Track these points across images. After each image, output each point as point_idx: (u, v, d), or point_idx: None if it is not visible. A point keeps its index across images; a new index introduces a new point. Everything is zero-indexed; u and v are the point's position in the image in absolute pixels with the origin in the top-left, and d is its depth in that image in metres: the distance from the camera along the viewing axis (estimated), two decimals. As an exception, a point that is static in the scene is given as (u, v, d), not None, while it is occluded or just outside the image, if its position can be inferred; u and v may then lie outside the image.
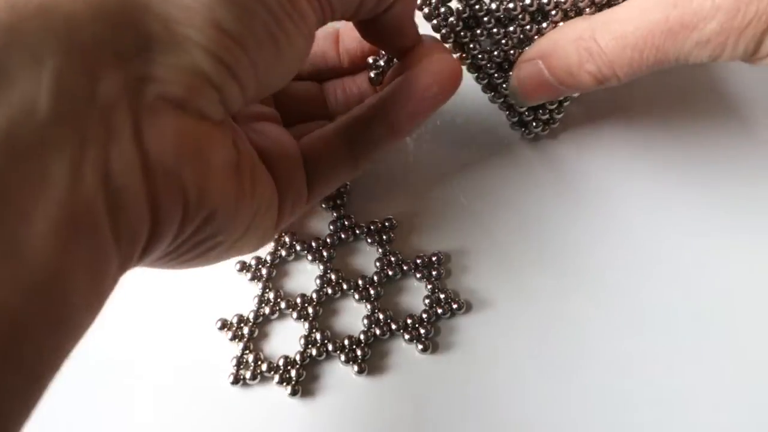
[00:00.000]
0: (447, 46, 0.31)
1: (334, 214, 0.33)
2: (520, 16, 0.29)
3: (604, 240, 0.33)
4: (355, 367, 0.30)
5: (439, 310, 0.31)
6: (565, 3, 0.28)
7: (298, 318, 0.31)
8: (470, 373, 0.30)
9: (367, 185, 0.35)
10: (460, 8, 0.30)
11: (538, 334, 0.31)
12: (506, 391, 0.30)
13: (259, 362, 0.30)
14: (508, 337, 0.31)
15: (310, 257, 0.33)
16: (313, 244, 0.33)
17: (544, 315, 0.31)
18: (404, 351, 0.31)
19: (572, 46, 0.27)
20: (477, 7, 0.29)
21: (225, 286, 0.32)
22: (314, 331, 0.31)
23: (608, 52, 0.26)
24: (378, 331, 0.31)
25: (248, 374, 0.30)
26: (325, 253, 0.32)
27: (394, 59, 0.31)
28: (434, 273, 0.32)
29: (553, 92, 0.29)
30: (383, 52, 0.32)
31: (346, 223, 0.33)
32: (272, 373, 0.30)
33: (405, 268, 0.32)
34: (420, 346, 0.30)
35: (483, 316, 0.32)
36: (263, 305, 0.31)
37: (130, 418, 0.30)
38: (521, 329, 0.31)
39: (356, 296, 0.32)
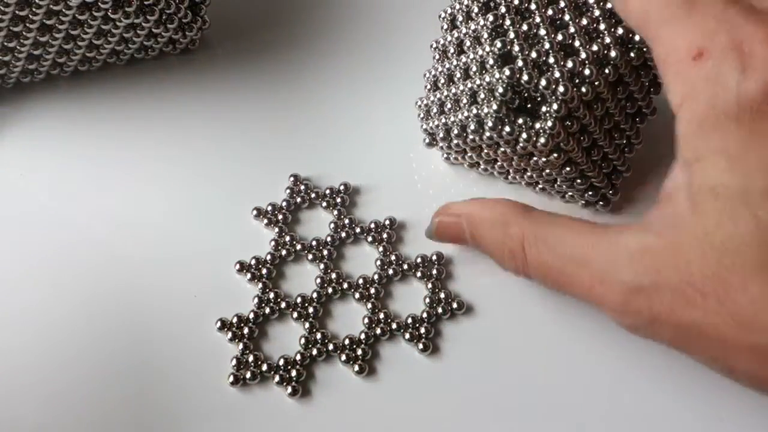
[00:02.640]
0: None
1: (335, 213, 0.33)
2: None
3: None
4: (356, 367, 0.30)
5: (440, 310, 0.31)
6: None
7: (298, 318, 0.31)
8: (470, 374, 0.30)
9: (369, 185, 0.35)
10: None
11: (539, 336, 0.31)
12: (506, 392, 0.30)
13: (259, 362, 0.30)
14: (508, 339, 0.31)
15: (310, 257, 0.33)
16: (314, 243, 0.33)
17: (544, 316, 0.31)
18: (404, 351, 0.31)
19: (500, 237, 0.27)
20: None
21: (225, 286, 0.32)
22: (314, 330, 0.31)
23: (530, 266, 0.26)
24: (378, 331, 0.31)
25: (248, 374, 0.30)
26: (325, 253, 0.33)
27: None
28: (435, 272, 0.32)
29: (465, 244, 0.30)
30: None
31: (346, 222, 0.33)
32: (272, 373, 0.30)
33: (405, 267, 0.32)
34: (420, 346, 0.30)
35: (483, 317, 0.32)
36: (263, 305, 0.31)
37: (131, 417, 0.30)
38: (521, 330, 0.31)
39: (356, 296, 0.32)
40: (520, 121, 0.27)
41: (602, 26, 0.27)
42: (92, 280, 0.32)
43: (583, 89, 0.27)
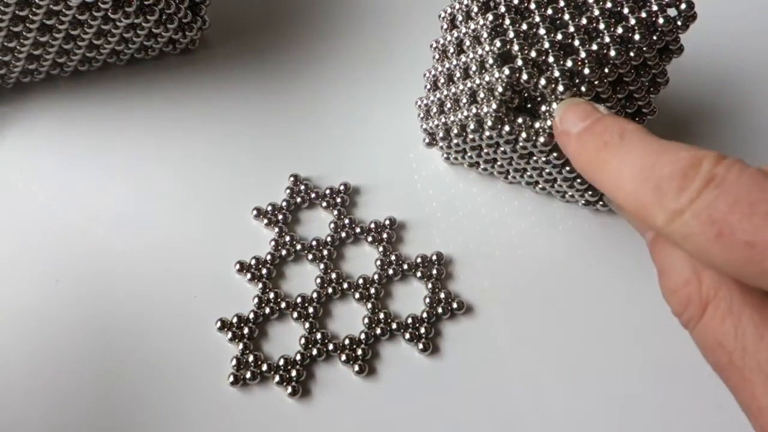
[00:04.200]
0: None
1: (335, 213, 0.33)
2: None
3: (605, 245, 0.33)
4: (356, 367, 0.30)
5: (439, 310, 0.31)
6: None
7: (298, 318, 0.31)
8: (469, 374, 0.30)
9: (369, 185, 0.35)
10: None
11: (538, 336, 0.31)
12: (505, 392, 0.30)
13: (259, 362, 0.30)
14: (507, 339, 0.31)
15: (310, 257, 0.33)
16: (314, 243, 0.33)
17: (543, 317, 0.31)
18: (404, 351, 0.31)
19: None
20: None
21: (225, 286, 0.32)
22: (314, 330, 0.31)
23: None
24: (378, 331, 0.31)
25: (248, 374, 0.30)
26: (325, 253, 0.32)
27: None
28: (435, 272, 0.32)
29: None
30: None
31: (346, 222, 0.33)
32: (272, 373, 0.30)
33: (405, 267, 0.32)
34: (420, 346, 0.30)
35: (483, 318, 0.32)
36: (263, 305, 0.31)
37: (131, 417, 0.30)
38: (521, 331, 0.31)
39: (356, 296, 0.32)
40: (520, 120, 0.27)
41: (602, 26, 0.27)
42: (92, 280, 0.32)
43: (583, 89, 0.26)
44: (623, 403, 0.30)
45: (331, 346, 0.30)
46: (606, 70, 0.27)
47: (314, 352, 0.30)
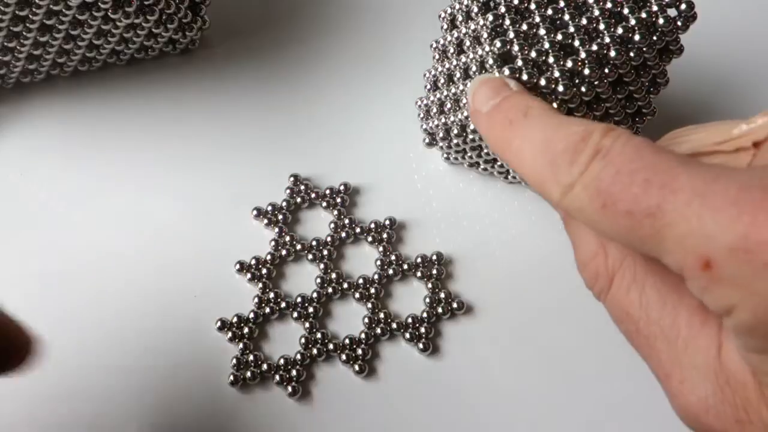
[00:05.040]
0: None
1: (335, 213, 0.33)
2: None
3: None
4: (356, 367, 0.30)
5: (440, 310, 0.31)
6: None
7: (298, 318, 0.31)
8: (470, 374, 0.30)
9: (369, 185, 0.35)
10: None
11: (538, 336, 0.31)
12: (505, 392, 0.30)
13: (259, 362, 0.30)
14: (507, 340, 0.31)
15: (310, 257, 0.33)
16: (314, 243, 0.33)
17: (543, 317, 0.31)
18: (404, 351, 0.31)
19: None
20: None
21: (225, 286, 0.32)
22: (314, 330, 0.31)
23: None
24: (378, 331, 0.31)
25: (248, 374, 0.30)
26: (325, 253, 0.32)
27: None
28: (435, 272, 0.32)
29: None
30: None
31: (346, 222, 0.33)
32: (272, 373, 0.30)
33: (405, 267, 0.32)
34: (420, 346, 0.30)
35: (483, 318, 0.32)
36: (263, 305, 0.31)
37: (131, 417, 0.30)
38: (521, 332, 0.31)
39: (356, 296, 0.32)
40: None
41: (602, 26, 0.27)
42: (91, 280, 0.32)
43: (583, 89, 0.26)
44: (623, 403, 0.30)
45: (331, 346, 0.30)
46: (606, 71, 0.27)
47: (314, 352, 0.30)
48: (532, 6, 0.28)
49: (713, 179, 0.17)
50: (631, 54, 0.27)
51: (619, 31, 0.27)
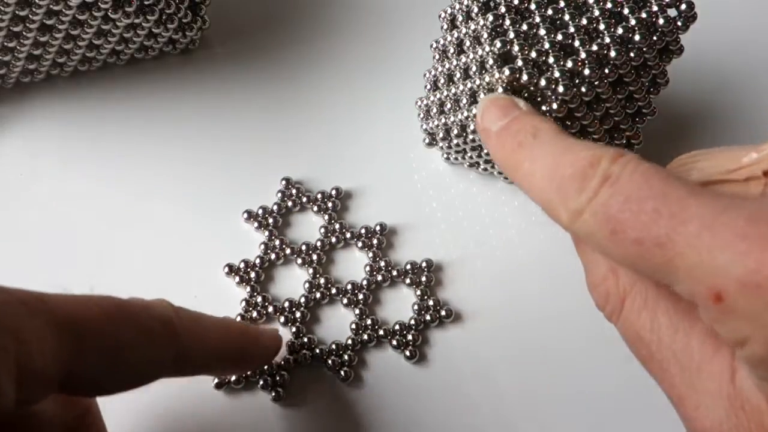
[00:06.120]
0: None
1: (325, 218, 0.33)
2: None
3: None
4: (341, 373, 0.30)
5: (428, 317, 0.30)
6: None
7: (285, 322, 0.31)
8: (456, 383, 0.30)
9: (369, 185, 0.34)
10: None
11: (525, 345, 0.31)
12: (492, 402, 0.30)
13: (245, 367, 0.30)
14: (495, 348, 0.31)
15: (299, 261, 0.32)
16: (303, 247, 0.32)
17: (531, 326, 0.31)
18: (391, 358, 0.30)
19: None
20: None
21: (213, 288, 0.32)
22: (301, 335, 0.30)
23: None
24: (365, 337, 0.30)
25: (233, 378, 0.30)
26: (314, 257, 0.32)
27: None
28: (423, 279, 0.31)
29: None
30: None
31: (336, 227, 0.33)
32: (257, 377, 0.30)
33: (394, 273, 0.32)
34: (407, 353, 0.30)
35: (471, 326, 0.31)
36: (251, 308, 0.31)
37: (124, 417, 0.30)
38: (509, 340, 0.31)
39: (344, 301, 0.31)
40: None
41: (602, 26, 0.27)
42: (89, 279, 0.32)
43: (583, 89, 0.26)
44: (616, 414, 0.29)
45: (317, 352, 0.30)
46: (606, 71, 0.27)
47: (300, 357, 0.30)
48: (532, 6, 0.28)
49: (722, 210, 0.17)
50: (632, 54, 0.27)
51: (620, 31, 0.27)
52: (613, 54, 0.26)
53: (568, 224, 0.20)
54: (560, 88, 0.26)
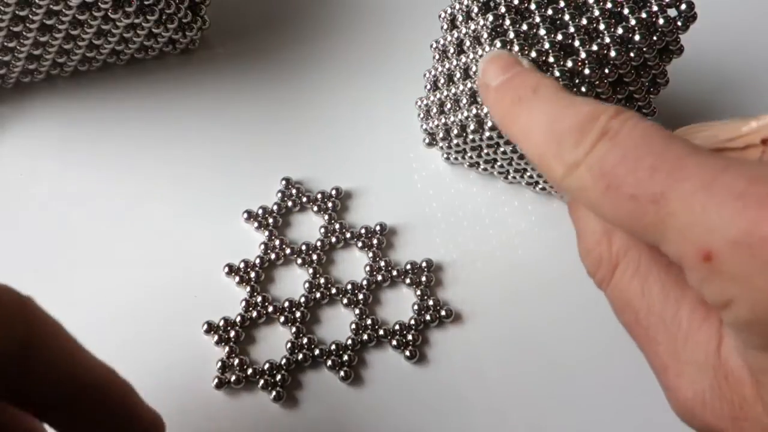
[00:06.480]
0: None
1: (326, 218, 0.33)
2: None
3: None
4: (341, 373, 0.30)
5: (428, 317, 0.30)
6: None
7: (285, 322, 0.31)
8: (456, 383, 0.30)
9: (369, 185, 0.34)
10: None
11: (526, 345, 0.31)
12: (492, 402, 0.30)
13: (245, 366, 0.30)
14: (495, 348, 0.31)
15: (299, 261, 0.32)
16: (303, 247, 0.32)
17: (531, 326, 0.31)
18: (391, 358, 0.30)
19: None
20: None
21: (213, 288, 0.32)
22: (301, 335, 0.30)
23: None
24: (365, 337, 0.30)
25: (233, 378, 0.30)
26: (314, 257, 0.32)
27: None
28: (423, 279, 0.31)
29: None
30: None
31: (337, 227, 0.33)
32: (257, 377, 0.30)
33: (395, 274, 0.32)
34: (407, 353, 0.30)
35: (471, 325, 0.31)
36: (250, 309, 0.31)
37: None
38: (509, 340, 0.31)
39: (344, 301, 0.31)
40: None
41: (602, 26, 0.27)
42: (89, 279, 0.32)
43: (583, 89, 0.26)
44: (615, 415, 0.29)
45: (317, 352, 0.30)
46: (606, 71, 0.27)
47: (300, 357, 0.30)
48: (532, 6, 0.28)
49: (722, 170, 0.17)
50: (631, 54, 0.27)
51: (619, 31, 0.27)
52: (613, 54, 0.26)
53: (562, 178, 0.20)
54: None
